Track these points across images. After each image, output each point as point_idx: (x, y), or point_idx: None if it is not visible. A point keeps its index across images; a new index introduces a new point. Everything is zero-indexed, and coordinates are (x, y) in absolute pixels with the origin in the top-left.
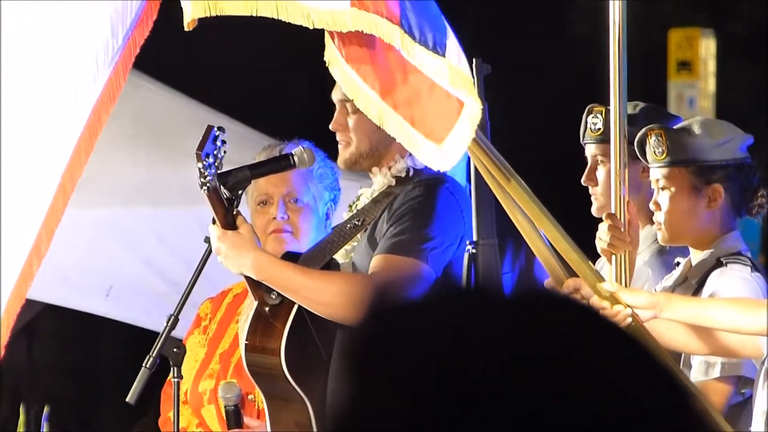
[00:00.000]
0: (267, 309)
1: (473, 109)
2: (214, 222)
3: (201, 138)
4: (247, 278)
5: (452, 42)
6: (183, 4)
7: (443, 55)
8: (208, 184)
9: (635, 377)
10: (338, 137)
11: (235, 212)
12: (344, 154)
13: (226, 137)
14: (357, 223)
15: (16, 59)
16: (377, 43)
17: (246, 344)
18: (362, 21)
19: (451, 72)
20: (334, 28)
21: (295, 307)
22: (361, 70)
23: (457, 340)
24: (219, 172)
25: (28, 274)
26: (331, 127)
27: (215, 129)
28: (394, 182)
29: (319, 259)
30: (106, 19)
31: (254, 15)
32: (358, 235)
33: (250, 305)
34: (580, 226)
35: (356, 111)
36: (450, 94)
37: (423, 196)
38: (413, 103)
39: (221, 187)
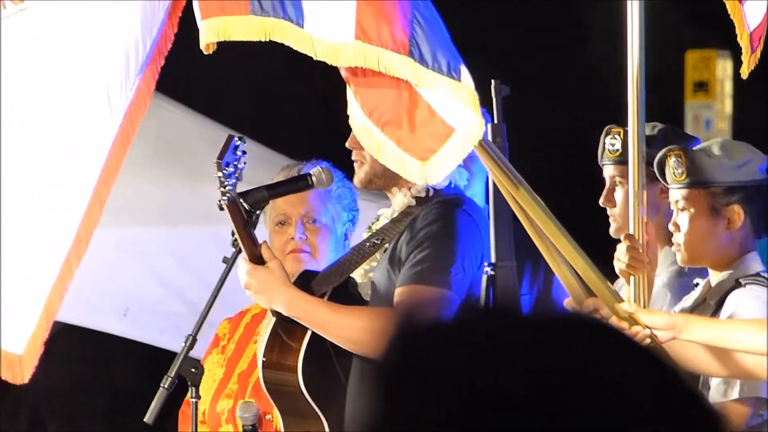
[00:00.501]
0: (284, 326)
1: (475, 130)
2: (238, 249)
3: (222, 147)
4: None
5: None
6: (200, 28)
7: (459, 80)
8: (228, 194)
9: (656, 393)
10: (353, 156)
11: (262, 243)
12: (359, 173)
13: (246, 147)
14: (376, 242)
15: (48, 60)
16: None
17: (263, 361)
18: (366, 55)
19: (470, 96)
20: (336, 62)
21: None
22: (357, 90)
23: (483, 359)
24: (238, 192)
25: (67, 274)
26: (347, 144)
27: (236, 138)
28: (414, 202)
29: (337, 277)
30: (137, 25)
31: (263, 40)
32: (377, 254)
33: (267, 325)
34: (598, 247)
35: None
36: (442, 118)
37: (442, 220)
38: (400, 123)
39: (241, 199)
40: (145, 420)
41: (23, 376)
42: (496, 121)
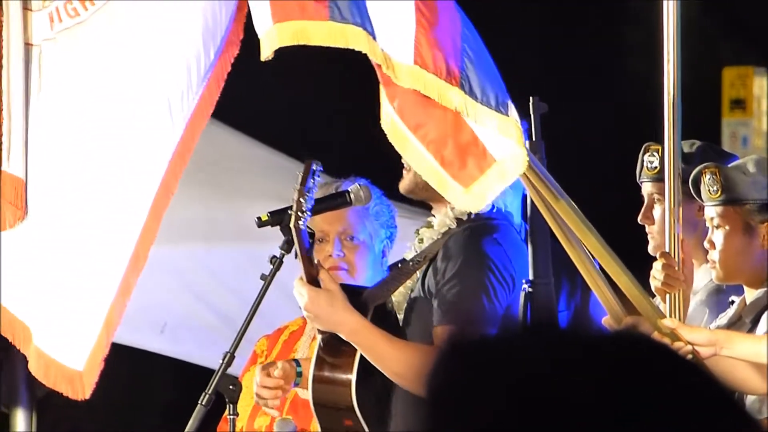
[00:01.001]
0: (335, 343)
1: (519, 164)
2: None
3: (302, 174)
4: None
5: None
6: (264, 33)
7: (507, 114)
8: (302, 221)
9: (702, 409)
10: (403, 159)
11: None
12: (404, 180)
13: (321, 170)
14: (419, 260)
15: (108, 73)
16: None
17: (313, 377)
18: (425, 81)
19: (516, 131)
20: (398, 81)
21: None
22: (399, 107)
23: (531, 378)
24: (275, 210)
25: (126, 290)
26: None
27: (314, 164)
28: (455, 224)
29: (383, 295)
30: (198, 35)
31: (341, 46)
32: (417, 275)
33: (305, 342)
34: (636, 265)
35: None
36: (485, 147)
37: (469, 253)
38: (446, 143)
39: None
40: None
41: (84, 392)
42: (534, 138)
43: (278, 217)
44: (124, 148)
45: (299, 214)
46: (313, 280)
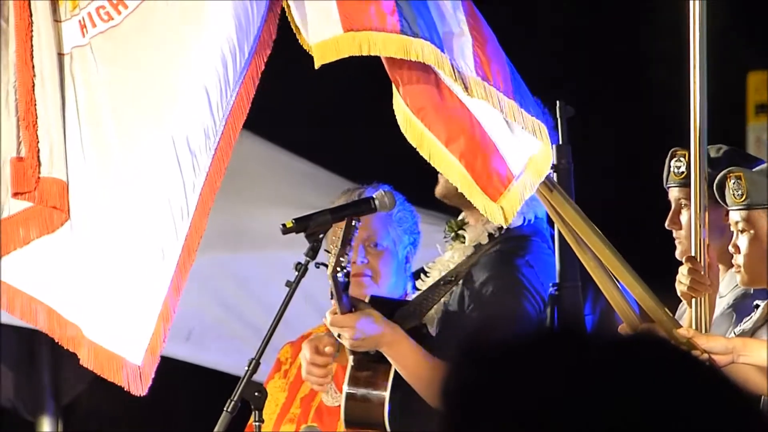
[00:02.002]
0: (366, 363)
1: (545, 165)
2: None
3: (343, 231)
4: None
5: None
6: (328, 39)
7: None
8: (343, 272)
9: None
10: None
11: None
12: (439, 186)
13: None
14: (450, 279)
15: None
16: (443, 93)
17: (347, 396)
18: (482, 92)
19: (546, 135)
20: (460, 94)
21: None
22: (426, 119)
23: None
24: (299, 216)
25: (180, 283)
26: None
27: (354, 221)
28: (486, 240)
29: (416, 319)
30: (232, 31)
31: (413, 59)
32: (455, 289)
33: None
34: (664, 270)
35: None
36: (506, 162)
37: (501, 276)
38: (476, 156)
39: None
40: None
41: (144, 387)
42: (561, 143)
43: (303, 224)
44: (166, 144)
45: (338, 269)
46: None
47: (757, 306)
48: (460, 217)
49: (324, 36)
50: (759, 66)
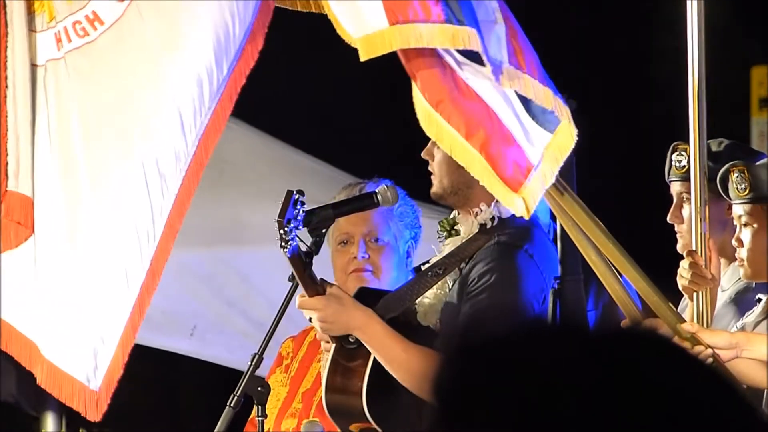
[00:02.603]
0: (345, 351)
1: (566, 140)
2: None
3: (282, 204)
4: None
5: None
6: (373, 34)
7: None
8: (289, 248)
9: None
10: (430, 167)
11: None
12: (434, 186)
13: (305, 199)
14: (439, 271)
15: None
16: (460, 86)
17: (326, 385)
18: (519, 80)
19: (561, 107)
20: (476, 86)
21: None
22: (445, 112)
23: (544, 377)
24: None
25: (141, 308)
26: (422, 155)
27: (295, 193)
28: (477, 230)
29: (398, 307)
30: (209, 51)
31: (460, 47)
32: (446, 284)
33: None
34: (665, 264)
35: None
36: (524, 151)
37: (500, 268)
38: (496, 148)
39: (300, 249)
40: None
41: (99, 413)
42: None
43: (306, 219)
44: (135, 166)
45: (283, 244)
46: (317, 296)
47: (760, 300)
48: (451, 216)
49: (369, 30)
50: (762, 61)
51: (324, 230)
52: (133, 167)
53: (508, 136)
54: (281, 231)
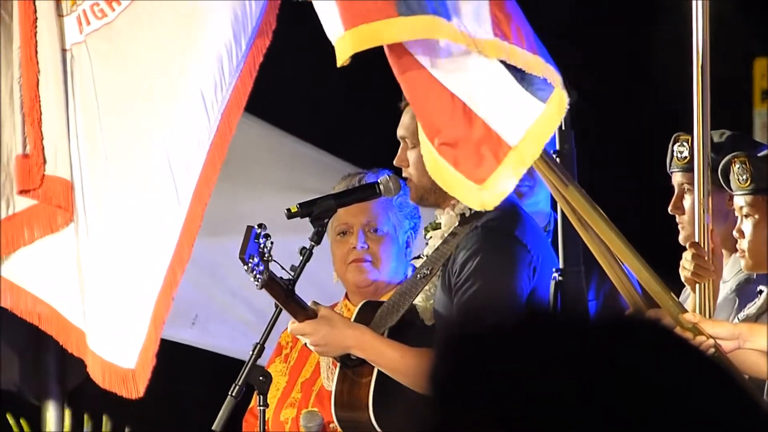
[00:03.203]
0: (351, 366)
1: (556, 108)
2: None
3: (242, 241)
4: None
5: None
6: (336, 41)
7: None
8: (259, 282)
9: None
10: (403, 173)
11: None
12: (411, 191)
13: (269, 231)
14: (426, 272)
15: (140, 70)
16: (429, 85)
17: (335, 401)
18: (503, 51)
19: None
20: (489, 54)
21: None
22: (417, 109)
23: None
24: (304, 201)
25: (172, 283)
26: (394, 163)
27: (255, 228)
28: (457, 222)
29: (394, 316)
30: (227, 26)
31: (416, 39)
32: (436, 280)
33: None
34: (667, 255)
35: (414, 147)
36: (499, 135)
37: (484, 250)
38: (459, 144)
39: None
40: (213, 428)
41: (138, 389)
42: (564, 127)
43: (308, 209)
44: (161, 144)
45: (253, 280)
46: (308, 320)
47: (761, 291)
48: (434, 219)
49: (336, 35)
50: (765, 52)
51: (326, 221)
52: (156, 148)
53: (479, 125)
54: (245, 268)
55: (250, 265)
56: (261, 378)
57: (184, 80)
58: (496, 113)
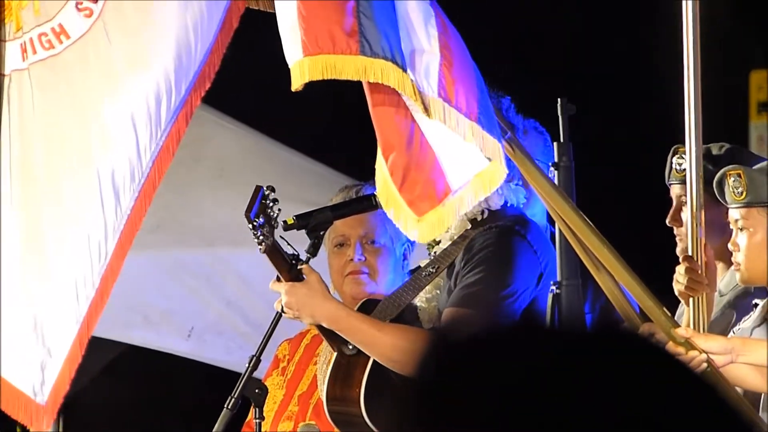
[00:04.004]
0: (345, 359)
1: (494, 180)
2: (278, 279)
3: (249, 200)
4: (322, 329)
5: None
6: (294, 64)
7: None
8: (263, 244)
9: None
10: None
11: (301, 265)
12: None
13: (276, 196)
14: (432, 270)
15: (83, 102)
16: (394, 107)
17: (327, 396)
18: (440, 112)
19: (500, 154)
20: (423, 113)
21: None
22: (377, 124)
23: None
24: (300, 213)
25: (91, 325)
26: None
27: (264, 188)
28: (470, 225)
29: (394, 309)
30: (170, 70)
31: (371, 81)
32: (440, 281)
33: (328, 347)
34: (664, 267)
35: None
36: (446, 177)
37: (495, 245)
38: (410, 170)
39: (279, 244)
40: None
41: (47, 426)
42: (562, 140)
43: (304, 221)
44: (92, 181)
45: (257, 241)
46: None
47: (756, 305)
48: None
49: (294, 59)
50: (761, 65)
51: (322, 232)
52: (89, 183)
53: (430, 158)
54: (250, 227)
55: (255, 224)
56: (257, 391)
57: (122, 121)
58: (447, 154)
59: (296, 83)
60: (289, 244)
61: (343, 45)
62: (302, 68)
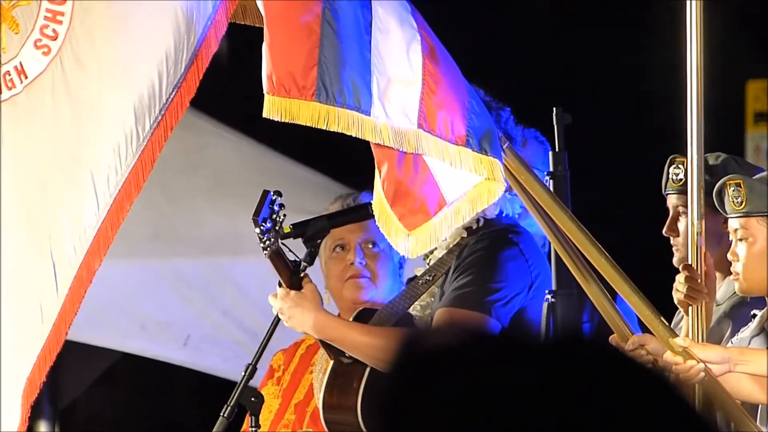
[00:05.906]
0: (342, 368)
1: (489, 197)
2: (280, 285)
3: (257, 203)
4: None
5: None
6: (266, 98)
7: (499, 158)
8: (267, 249)
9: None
10: None
11: (302, 274)
12: None
13: (282, 201)
14: (428, 278)
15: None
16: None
17: (323, 404)
18: (427, 143)
19: (498, 172)
20: (399, 147)
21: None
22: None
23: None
24: (297, 222)
25: (47, 360)
26: None
27: (271, 193)
28: (465, 233)
29: (392, 318)
30: (129, 110)
31: (323, 128)
32: (435, 289)
33: (323, 356)
34: (661, 277)
35: None
36: (440, 190)
37: (486, 249)
38: (403, 183)
39: (283, 249)
40: None
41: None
42: (558, 149)
43: (301, 230)
44: (57, 217)
45: (262, 246)
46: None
47: (755, 315)
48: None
49: (264, 89)
50: (758, 75)
51: (319, 241)
52: (54, 219)
53: (425, 173)
54: (257, 230)
55: (262, 228)
56: (253, 399)
57: (78, 165)
58: (442, 166)
59: (266, 113)
60: (291, 250)
61: (299, 90)
62: (266, 103)
